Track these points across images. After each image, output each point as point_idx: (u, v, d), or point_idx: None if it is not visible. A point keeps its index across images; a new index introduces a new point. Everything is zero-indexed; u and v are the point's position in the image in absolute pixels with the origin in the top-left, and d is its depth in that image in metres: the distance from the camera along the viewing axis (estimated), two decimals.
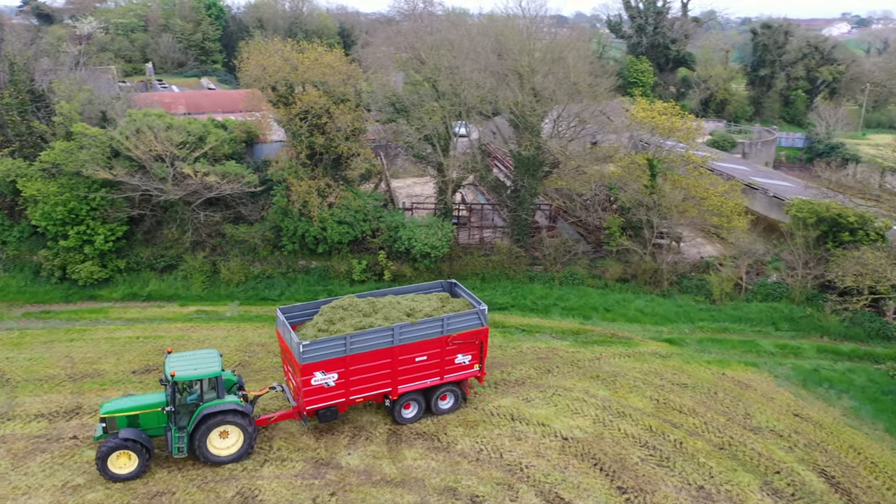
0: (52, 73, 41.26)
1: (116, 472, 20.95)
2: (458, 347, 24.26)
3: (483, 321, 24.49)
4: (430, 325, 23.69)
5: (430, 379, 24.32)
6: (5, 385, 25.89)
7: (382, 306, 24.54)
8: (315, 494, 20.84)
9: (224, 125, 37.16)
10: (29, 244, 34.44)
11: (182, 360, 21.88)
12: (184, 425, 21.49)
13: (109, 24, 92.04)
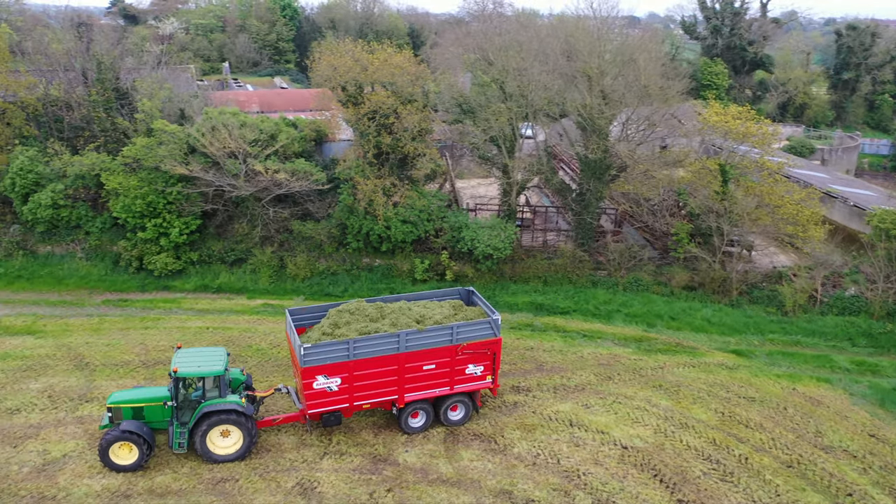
0: (135, 71, 43.13)
1: (118, 462, 21.31)
2: (469, 357, 23.51)
3: (496, 331, 23.72)
4: (439, 333, 23.08)
5: (439, 388, 23.64)
6: (84, 368, 27.22)
7: (391, 312, 24.21)
8: (372, 489, 21.12)
9: (295, 124, 38.05)
10: (110, 235, 36.09)
11: (188, 357, 22.16)
12: (185, 421, 21.72)
13: (190, 25, 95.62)
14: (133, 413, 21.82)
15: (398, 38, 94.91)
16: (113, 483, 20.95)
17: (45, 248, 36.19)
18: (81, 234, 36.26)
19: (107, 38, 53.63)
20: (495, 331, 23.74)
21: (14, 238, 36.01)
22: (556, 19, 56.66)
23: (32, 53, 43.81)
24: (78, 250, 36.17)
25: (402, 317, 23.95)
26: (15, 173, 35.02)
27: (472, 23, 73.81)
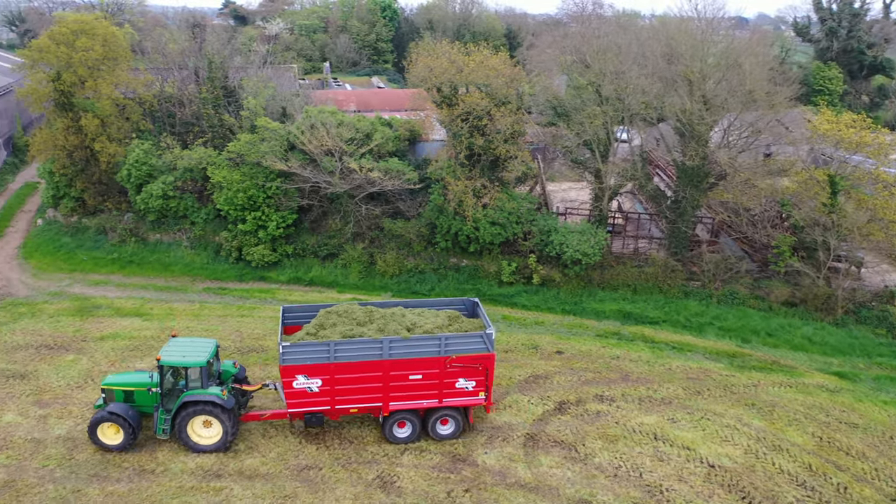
0: (242, 70, 45.16)
1: (105, 441, 22.14)
2: (459, 371, 22.61)
3: (489, 346, 22.76)
4: (426, 343, 22.39)
5: (426, 400, 22.96)
6: None
7: (380, 317, 23.69)
8: (450, 488, 21.29)
9: (390, 123, 38.79)
10: (213, 226, 37.96)
11: (177, 346, 22.67)
12: (170, 408, 22.26)
13: (294, 26, 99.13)
14: (124, 396, 22.66)
15: (495, 39, 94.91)
16: (206, 462, 22.06)
17: (154, 236, 38.47)
18: (187, 224, 38.32)
19: (218, 39, 56.48)
20: (488, 346, 22.77)
21: (128, 225, 38.48)
22: (658, 20, 55.11)
23: (151, 53, 46.77)
24: (184, 239, 38.24)
25: (393, 323, 23.37)
26: (131, 165, 37.41)
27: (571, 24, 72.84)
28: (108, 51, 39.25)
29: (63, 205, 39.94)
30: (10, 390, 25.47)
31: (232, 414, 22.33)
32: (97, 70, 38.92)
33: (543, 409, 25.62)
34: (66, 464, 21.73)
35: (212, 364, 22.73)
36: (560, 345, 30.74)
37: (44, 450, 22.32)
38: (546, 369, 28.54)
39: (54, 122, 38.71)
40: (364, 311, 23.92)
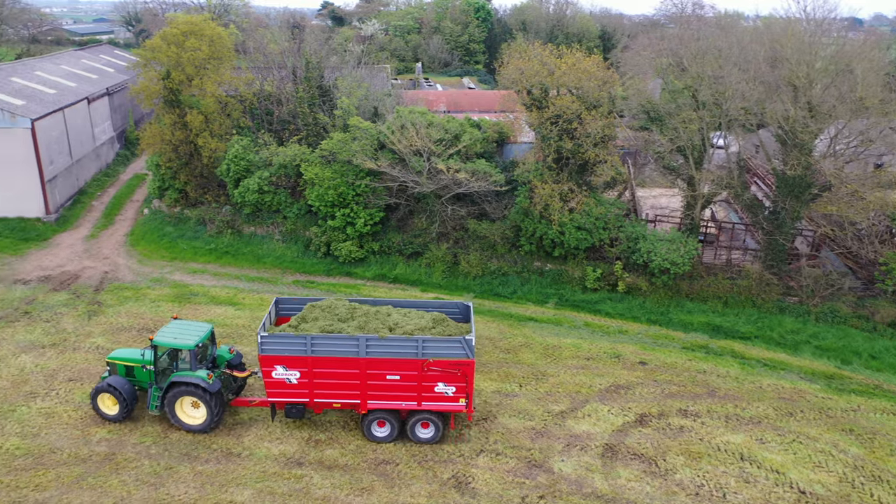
0: (337, 70, 46.40)
1: (104, 410, 23.60)
2: (438, 375, 22.20)
3: (469, 353, 22.00)
4: (402, 344, 22.08)
5: (405, 402, 22.78)
6: None
7: (363, 314, 23.59)
8: (525, 494, 21.17)
9: (479, 125, 38.89)
10: (304, 221, 39.17)
11: (174, 328, 23.60)
12: (162, 386, 23.23)
13: (389, 26, 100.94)
14: (126, 370, 24.03)
15: (589, 40, 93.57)
16: (289, 449, 22.82)
17: (249, 229, 40.07)
18: (280, 219, 39.71)
19: (316, 39, 58.23)
20: (468, 352, 22.03)
21: (225, 218, 40.25)
22: (762, 22, 52.75)
23: (253, 52, 48.72)
24: (276, 233, 39.65)
25: (375, 321, 23.28)
26: (230, 160, 39.11)
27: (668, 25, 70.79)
28: (213, 51, 41.23)
29: (167, 196, 42.21)
30: None
31: (217, 397, 23.13)
32: (203, 69, 40.95)
33: (624, 420, 25.07)
34: (161, 442, 22.98)
35: (205, 347, 23.69)
36: (644, 355, 29.98)
37: (141, 427, 23.68)
38: (628, 379, 27.90)
39: (163, 118, 40.97)
40: (348, 308, 23.90)
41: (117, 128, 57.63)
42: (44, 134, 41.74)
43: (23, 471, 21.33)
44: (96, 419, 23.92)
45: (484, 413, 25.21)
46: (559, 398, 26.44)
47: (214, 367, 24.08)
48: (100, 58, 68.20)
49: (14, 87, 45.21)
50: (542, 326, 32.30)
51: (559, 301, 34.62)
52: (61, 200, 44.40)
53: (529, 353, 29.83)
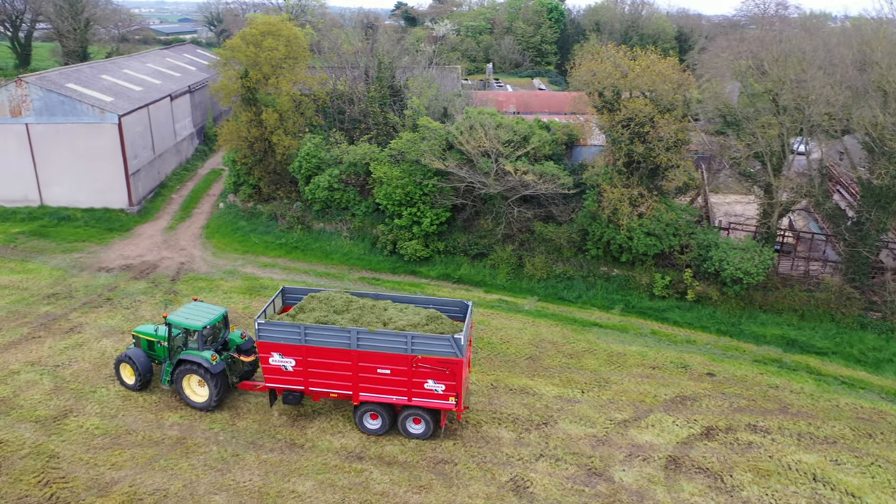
0: (408, 70, 46.88)
1: (124, 379, 25.50)
2: (428, 372, 22.20)
3: (457, 351, 21.76)
4: (392, 339, 22.14)
5: (395, 396, 22.91)
6: None
7: (358, 307, 23.80)
8: (584, 502, 20.88)
9: (548, 126, 38.58)
10: (371, 219, 39.75)
11: (189, 309, 25.06)
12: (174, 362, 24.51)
13: (461, 27, 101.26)
14: (147, 345, 25.71)
15: (664, 41, 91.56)
16: (350, 443, 23.20)
17: (318, 225, 40.93)
18: (348, 216, 40.41)
19: (388, 39, 58.95)
20: (456, 350, 21.81)
21: (296, 214, 41.24)
22: (852, 23, 50.39)
23: (327, 52, 49.72)
24: (344, 230, 40.37)
25: (369, 315, 23.48)
26: (302, 157, 40.05)
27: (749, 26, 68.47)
28: (290, 50, 42.29)
29: (242, 191, 43.56)
30: None
31: (219, 378, 24.16)
32: (279, 68, 42.06)
33: (689, 433, 24.42)
34: (229, 429, 23.75)
35: (216, 330, 24.79)
36: (712, 366, 29.12)
37: (210, 414, 24.52)
38: (695, 391, 27.16)
39: (239, 116, 42.30)
40: (344, 300, 24.16)
41: (197, 124, 59.84)
42: (129, 129, 43.74)
43: (101, 449, 22.42)
44: (170, 404, 24.92)
45: (545, 417, 25.01)
46: (622, 406, 25.97)
47: (224, 350, 25.15)
48: (183, 56, 70.98)
49: (104, 85, 47.55)
50: (606, 332, 31.79)
51: (625, 307, 33.99)
52: (143, 193, 46.43)
53: (593, 359, 29.41)
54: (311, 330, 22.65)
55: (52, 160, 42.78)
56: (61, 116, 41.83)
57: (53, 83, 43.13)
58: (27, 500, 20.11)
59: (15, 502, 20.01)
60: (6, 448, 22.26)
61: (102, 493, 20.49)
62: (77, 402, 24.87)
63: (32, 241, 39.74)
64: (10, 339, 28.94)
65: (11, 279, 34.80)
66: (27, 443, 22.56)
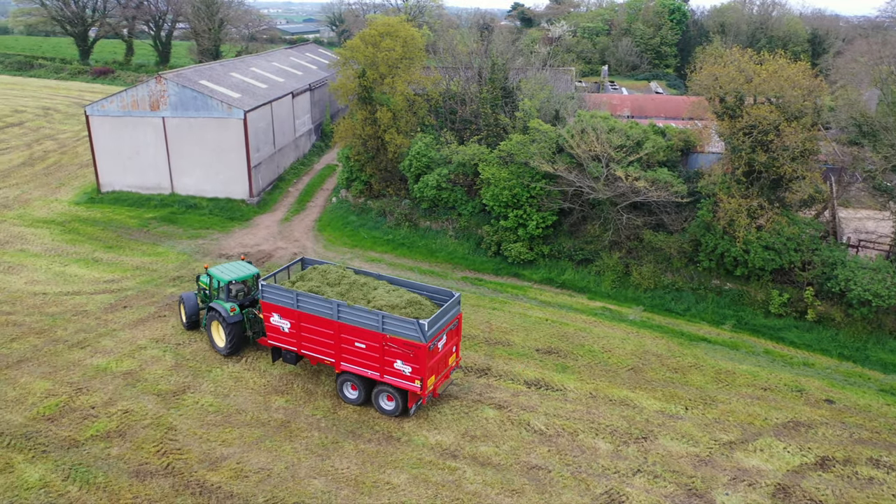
0: (522, 72, 46.74)
1: (182, 317, 29.62)
2: (398, 353, 23.16)
3: (421, 336, 22.42)
4: (366, 316, 23.42)
5: (370, 370, 24.09)
6: None
7: (349, 283, 25.35)
8: None
9: (663, 131, 37.36)
10: (477, 219, 39.96)
11: (230, 266, 28.92)
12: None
13: (577, 28, 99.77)
14: (204, 292, 29.39)
15: (795, 44, 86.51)
16: (445, 440, 23.46)
17: (425, 223, 41.61)
18: (454, 215, 40.81)
19: (503, 40, 59.04)
20: (420, 335, 22.45)
21: (404, 211, 42.11)
22: None
23: (442, 52, 50.41)
24: (449, 229, 40.82)
25: (356, 291, 24.92)
26: (413, 156, 40.82)
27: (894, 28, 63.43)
28: (406, 51, 43.23)
29: (354, 187, 44.96)
30: None
31: (235, 328, 27.27)
32: (395, 68, 43.10)
33: (801, 461, 22.99)
34: (331, 417, 24.61)
35: (244, 286, 28.22)
36: (831, 392, 27.25)
37: (314, 400, 25.51)
38: (810, 417, 25.52)
39: (355, 114, 43.67)
40: (339, 275, 25.86)
41: (315, 121, 62.30)
42: (253, 124, 46.16)
43: (213, 426, 23.82)
44: (277, 387, 26.13)
45: (644, 431, 24.29)
46: (728, 427, 24.79)
47: (251, 307, 27.95)
48: (305, 55, 74.08)
49: (232, 82, 50.42)
50: (715, 348, 30.45)
51: (737, 324, 32.41)
52: (263, 185, 48.87)
53: (699, 375, 28.25)
54: (301, 297, 24.61)
55: (184, 152, 45.84)
56: (193, 111, 44.72)
57: (188, 80, 46.18)
58: (146, 467, 21.68)
59: (136, 467, 21.63)
60: (131, 417, 24.10)
61: (212, 467, 21.78)
62: (194, 379, 26.55)
63: (163, 227, 42.76)
64: (139, 316, 31.28)
65: (143, 261, 37.59)
66: (149, 414, 24.32)
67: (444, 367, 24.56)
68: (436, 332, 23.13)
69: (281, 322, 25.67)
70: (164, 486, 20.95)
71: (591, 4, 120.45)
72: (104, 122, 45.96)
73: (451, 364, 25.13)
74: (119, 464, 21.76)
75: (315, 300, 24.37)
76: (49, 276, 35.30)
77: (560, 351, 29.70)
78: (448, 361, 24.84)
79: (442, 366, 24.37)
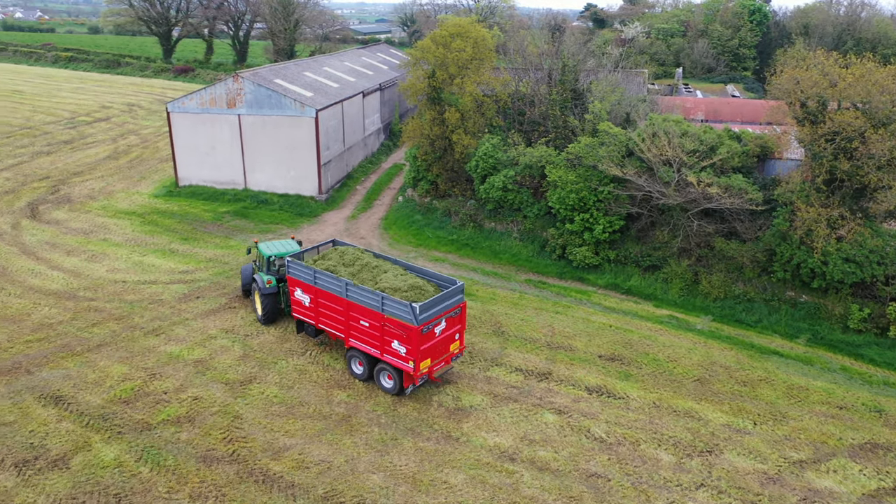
0: (593, 73, 46.09)
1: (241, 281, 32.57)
2: (394, 334, 24.37)
3: (413, 319, 23.52)
4: (368, 296, 24.91)
5: (373, 348, 25.41)
6: (500, 336, 30.72)
7: (362, 265, 27.17)
8: None
9: (739, 136, 36.19)
10: (542, 222, 39.64)
11: (278, 243, 31.04)
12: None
13: (652, 29, 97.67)
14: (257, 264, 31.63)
15: (886, 47, 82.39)
16: (503, 443, 23.38)
17: (489, 224, 41.56)
18: (519, 217, 40.60)
19: (575, 41, 58.38)
20: (413, 318, 23.54)
21: (469, 212, 42.17)
22: None
23: (512, 53, 50.25)
24: (514, 230, 40.63)
25: (367, 273, 26.68)
26: (479, 157, 40.83)
27: None
28: (476, 52, 43.25)
29: (420, 186, 45.31)
30: None
31: (269, 299, 29.63)
32: (465, 69, 43.18)
33: (878, 485, 21.88)
34: (391, 413, 24.87)
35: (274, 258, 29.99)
36: None
37: (375, 396, 25.83)
38: (889, 439, 24.25)
39: (424, 114, 43.99)
40: (354, 256, 27.89)
41: (384, 120, 63.10)
42: (324, 123, 47.11)
43: (277, 416, 24.44)
44: (340, 382, 26.59)
45: (709, 445, 23.60)
46: (799, 445, 23.82)
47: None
48: (377, 55, 75.12)
49: (306, 81, 51.58)
50: (787, 363, 29.30)
51: (812, 338, 31.11)
52: (332, 183, 49.81)
53: (769, 389, 27.24)
54: (318, 274, 26.60)
55: (257, 148, 47.19)
56: (267, 109, 45.98)
57: (263, 79, 47.51)
58: (213, 453, 22.43)
59: (203, 453, 22.40)
60: (200, 404, 24.97)
61: (275, 457, 22.34)
62: (260, 370, 27.30)
63: (235, 221, 44.14)
64: (210, 307, 32.39)
65: (216, 253, 38.89)
66: (217, 402, 25.15)
67: (442, 353, 25.38)
68: (430, 317, 24.10)
69: (303, 296, 27.80)
70: (229, 472, 21.62)
71: (667, 5, 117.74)
72: (184, 118, 47.78)
73: (452, 350, 25.87)
74: (188, 448, 22.58)
75: (329, 278, 26.26)
76: (129, 265, 36.95)
77: (623, 358, 29.17)
78: (449, 347, 25.64)
79: (440, 351, 25.18)
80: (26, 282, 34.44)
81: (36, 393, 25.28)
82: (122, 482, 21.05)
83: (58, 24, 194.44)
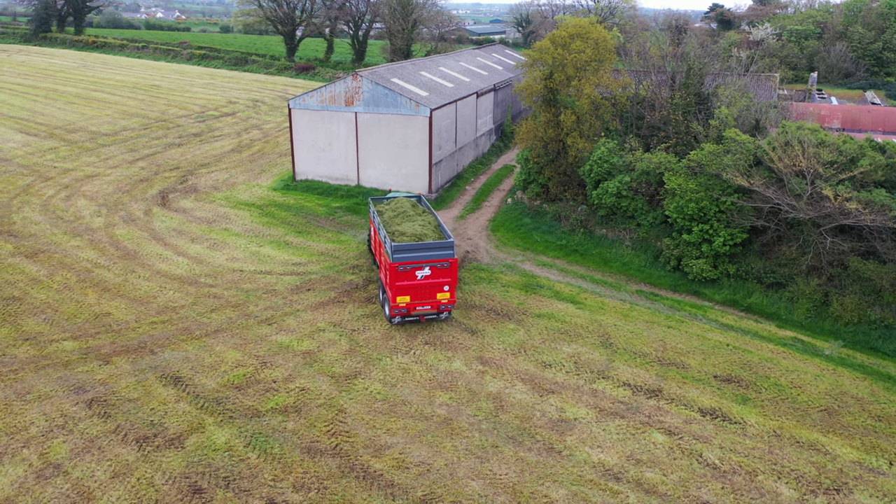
0: (719, 77, 43.77)
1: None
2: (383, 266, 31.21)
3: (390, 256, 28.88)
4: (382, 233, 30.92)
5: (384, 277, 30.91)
6: (608, 347, 29.64)
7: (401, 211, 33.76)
8: None
9: (883, 148, 33.20)
10: (657, 231, 37.99)
11: (404, 193, 36.93)
12: None
13: (783, 31, 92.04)
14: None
15: None
16: (609, 460, 22.45)
17: (600, 231, 40.31)
18: (633, 225, 39.11)
19: (699, 43, 55.76)
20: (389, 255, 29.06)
21: (580, 217, 41.08)
22: None
23: (633, 55, 48.59)
24: (626, 238, 39.19)
25: (401, 218, 33.07)
26: (594, 161, 39.66)
27: None
28: (596, 53, 42.07)
29: (530, 189, 44.60)
30: (462, 343, 29.74)
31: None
32: (583, 70, 42.10)
33: None
34: (492, 419, 24.48)
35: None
36: None
37: (477, 401, 25.52)
38: None
39: (538, 116, 43.25)
40: (400, 204, 34.63)
41: (496, 121, 62.75)
42: (438, 122, 47.32)
43: (380, 413, 24.61)
44: (442, 383, 26.48)
45: (837, 483, 21.69)
46: None
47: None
48: (491, 56, 74.88)
49: (421, 80, 52.04)
50: None
51: None
52: (442, 182, 50.00)
53: None
54: (373, 214, 33.82)
55: (371, 146, 48.06)
56: (383, 107, 46.71)
57: (381, 77, 48.30)
58: (317, 445, 22.84)
59: (308, 444, 22.86)
60: (307, 395, 25.55)
61: (376, 454, 22.47)
62: (365, 366, 27.62)
63: (347, 216, 45.14)
64: (320, 300, 33.18)
65: (327, 247, 39.89)
66: (323, 394, 25.64)
67: (426, 297, 29.44)
68: (408, 259, 28.83)
69: (371, 231, 35.01)
70: (332, 465, 21.94)
71: (801, 5, 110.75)
72: (304, 114, 49.37)
73: (440, 299, 29.65)
74: (293, 438, 23.12)
75: (375, 217, 33.22)
76: (246, 254, 38.52)
77: (741, 380, 27.39)
78: (435, 295, 29.52)
79: (422, 294, 29.34)
80: (154, 266, 36.59)
81: (158, 372, 26.71)
82: (232, 465, 21.81)
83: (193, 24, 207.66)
